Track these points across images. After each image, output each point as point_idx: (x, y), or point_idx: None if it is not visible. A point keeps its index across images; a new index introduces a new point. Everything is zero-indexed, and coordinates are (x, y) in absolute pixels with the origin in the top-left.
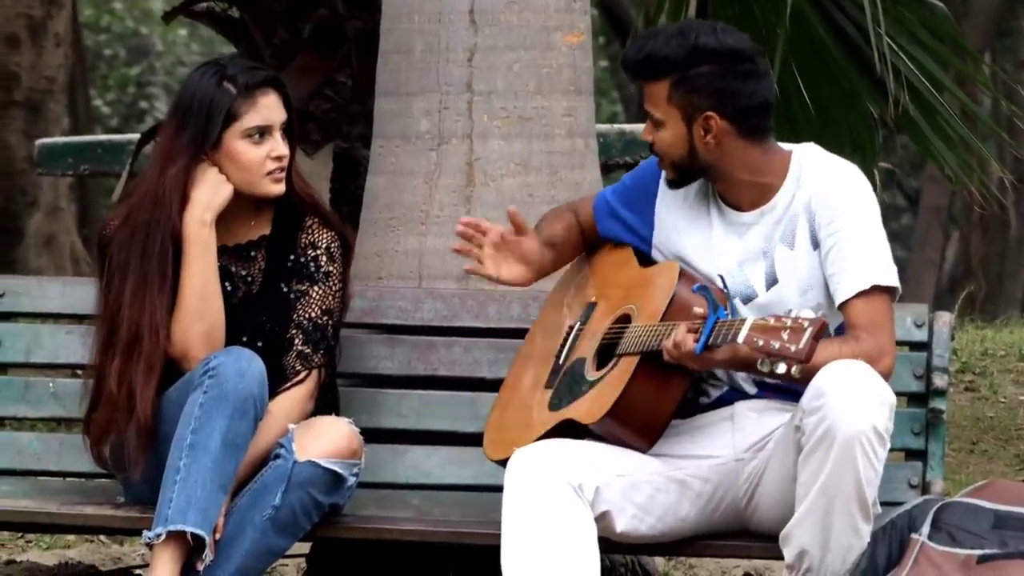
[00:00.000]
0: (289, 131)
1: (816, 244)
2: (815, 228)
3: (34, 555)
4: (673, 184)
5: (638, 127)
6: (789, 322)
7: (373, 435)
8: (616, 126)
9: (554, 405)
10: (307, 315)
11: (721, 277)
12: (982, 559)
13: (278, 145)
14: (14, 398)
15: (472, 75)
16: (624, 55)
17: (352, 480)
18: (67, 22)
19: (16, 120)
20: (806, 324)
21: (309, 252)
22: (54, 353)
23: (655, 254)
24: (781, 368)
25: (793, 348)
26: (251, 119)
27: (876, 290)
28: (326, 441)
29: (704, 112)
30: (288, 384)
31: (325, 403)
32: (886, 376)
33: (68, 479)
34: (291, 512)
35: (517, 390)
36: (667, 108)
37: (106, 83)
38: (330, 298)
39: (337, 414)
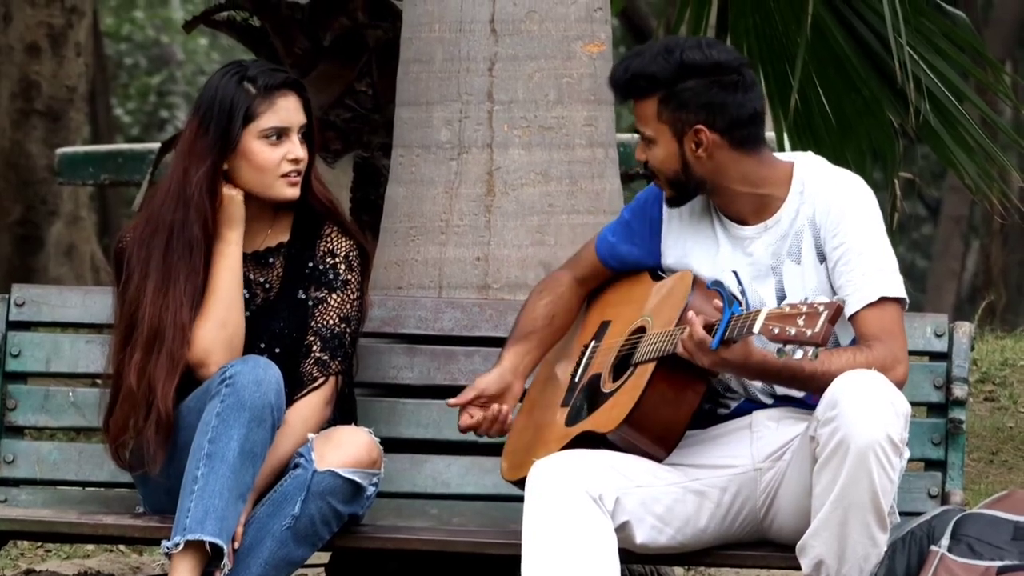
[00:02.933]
0: (308, 136)
1: (822, 258)
2: (820, 242)
3: (53, 564)
4: (672, 202)
5: None
6: (804, 308)
7: (392, 445)
8: (637, 136)
9: (571, 421)
10: (325, 322)
11: (735, 273)
12: (1002, 571)
13: (294, 148)
14: (34, 407)
15: (492, 84)
16: (611, 75)
17: (371, 490)
18: (88, 31)
19: (37, 129)
20: (821, 308)
21: (328, 260)
22: (74, 362)
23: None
24: (798, 355)
25: (809, 332)
26: (268, 119)
27: (885, 301)
28: (346, 451)
29: (693, 126)
30: (305, 391)
31: (343, 413)
32: (900, 385)
33: (88, 488)
34: (310, 522)
35: (533, 413)
36: (657, 125)
37: (127, 92)
38: (348, 306)
39: (355, 424)
